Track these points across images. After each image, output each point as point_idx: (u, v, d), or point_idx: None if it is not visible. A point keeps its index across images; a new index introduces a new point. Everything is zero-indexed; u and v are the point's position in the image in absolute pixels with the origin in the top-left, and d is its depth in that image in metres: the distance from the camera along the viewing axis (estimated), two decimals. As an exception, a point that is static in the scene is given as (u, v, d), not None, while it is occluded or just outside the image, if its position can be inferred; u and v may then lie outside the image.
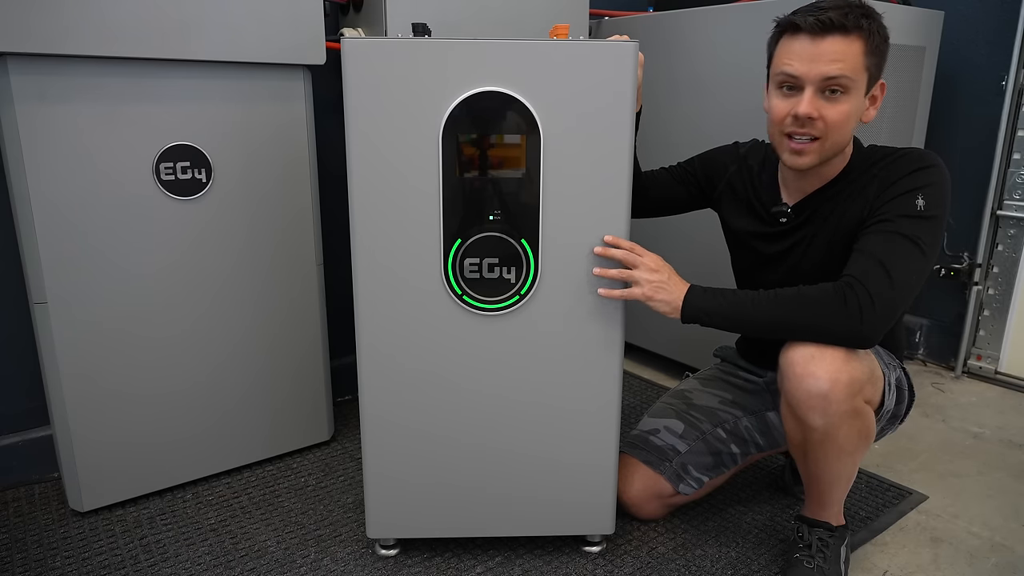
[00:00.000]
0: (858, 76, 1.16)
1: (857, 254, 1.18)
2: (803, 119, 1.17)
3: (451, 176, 1.20)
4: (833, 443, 1.19)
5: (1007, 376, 2.29)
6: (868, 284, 1.12)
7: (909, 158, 1.23)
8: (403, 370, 1.29)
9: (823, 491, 1.30)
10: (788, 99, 1.19)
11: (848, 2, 1.15)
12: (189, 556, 1.42)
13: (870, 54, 1.16)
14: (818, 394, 1.14)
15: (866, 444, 1.23)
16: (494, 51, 1.16)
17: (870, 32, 1.15)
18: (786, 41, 1.18)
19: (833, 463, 1.23)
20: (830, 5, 1.15)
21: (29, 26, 1.26)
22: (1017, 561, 1.43)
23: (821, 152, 1.21)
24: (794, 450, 1.28)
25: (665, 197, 1.50)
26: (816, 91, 1.16)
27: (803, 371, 1.15)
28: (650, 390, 2.23)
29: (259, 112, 1.57)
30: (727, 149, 1.49)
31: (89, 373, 1.48)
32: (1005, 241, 2.26)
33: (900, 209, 1.18)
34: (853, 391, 1.15)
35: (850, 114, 1.17)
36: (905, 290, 1.13)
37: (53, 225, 1.39)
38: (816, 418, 1.16)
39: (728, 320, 1.22)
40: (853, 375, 1.15)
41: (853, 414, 1.17)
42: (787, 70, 1.17)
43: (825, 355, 1.14)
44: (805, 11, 1.16)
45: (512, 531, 1.40)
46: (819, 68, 1.14)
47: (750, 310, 1.19)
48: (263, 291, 1.67)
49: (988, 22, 2.18)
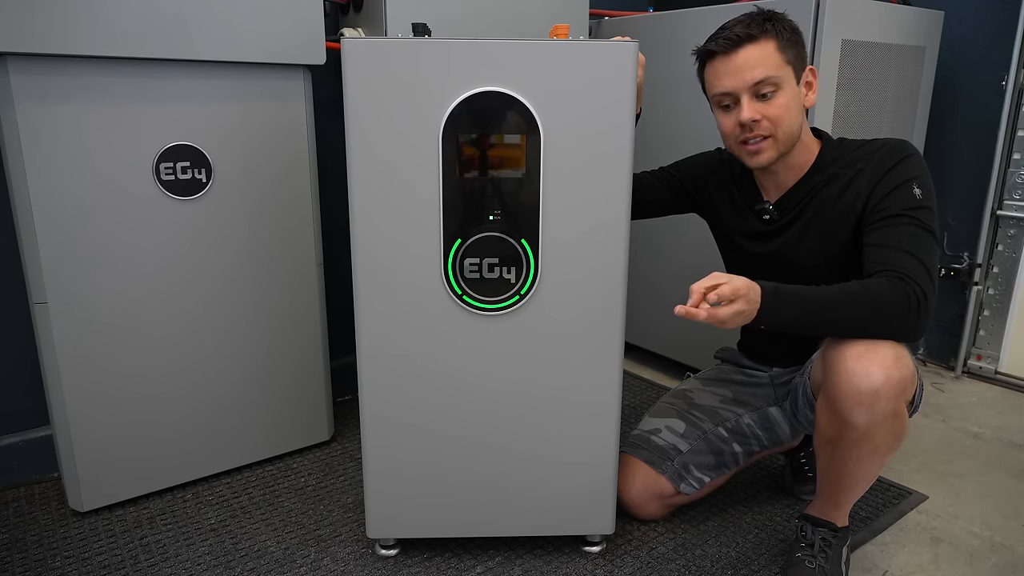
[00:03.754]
0: (781, 71, 1.24)
1: (883, 249, 1.19)
2: (748, 124, 1.25)
3: (451, 176, 1.20)
4: (870, 443, 1.18)
5: (1007, 376, 2.29)
6: (918, 279, 1.14)
7: (889, 148, 1.28)
8: (403, 370, 1.29)
9: (841, 491, 1.28)
10: (731, 113, 1.29)
11: (748, 14, 1.26)
12: (189, 556, 1.42)
13: (784, 49, 1.25)
14: (869, 390, 1.13)
15: (898, 446, 1.22)
16: (494, 51, 1.15)
17: (777, 31, 1.24)
18: (709, 67, 1.29)
19: (864, 463, 1.21)
20: (733, 23, 1.25)
21: (29, 26, 1.26)
22: (1017, 561, 1.43)
23: (776, 145, 1.28)
24: (821, 446, 1.25)
25: (651, 200, 1.52)
26: (751, 97, 1.25)
27: (855, 366, 1.13)
28: (650, 390, 2.23)
29: (259, 112, 1.57)
30: (711, 155, 1.53)
31: (89, 373, 1.48)
32: (1005, 241, 2.26)
33: (903, 201, 1.21)
34: (900, 390, 1.14)
35: (788, 106, 1.26)
36: (936, 281, 1.17)
37: (53, 225, 1.39)
38: (861, 415, 1.15)
39: (803, 324, 1.18)
40: (903, 373, 1.14)
41: (895, 415, 1.16)
42: (719, 89, 1.27)
43: (879, 351, 1.14)
44: (715, 37, 1.27)
45: (512, 531, 1.40)
46: (744, 77, 1.24)
47: (825, 311, 1.16)
48: (263, 291, 1.67)
49: (988, 22, 2.18)
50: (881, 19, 1.92)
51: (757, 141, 1.27)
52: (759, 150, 1.28)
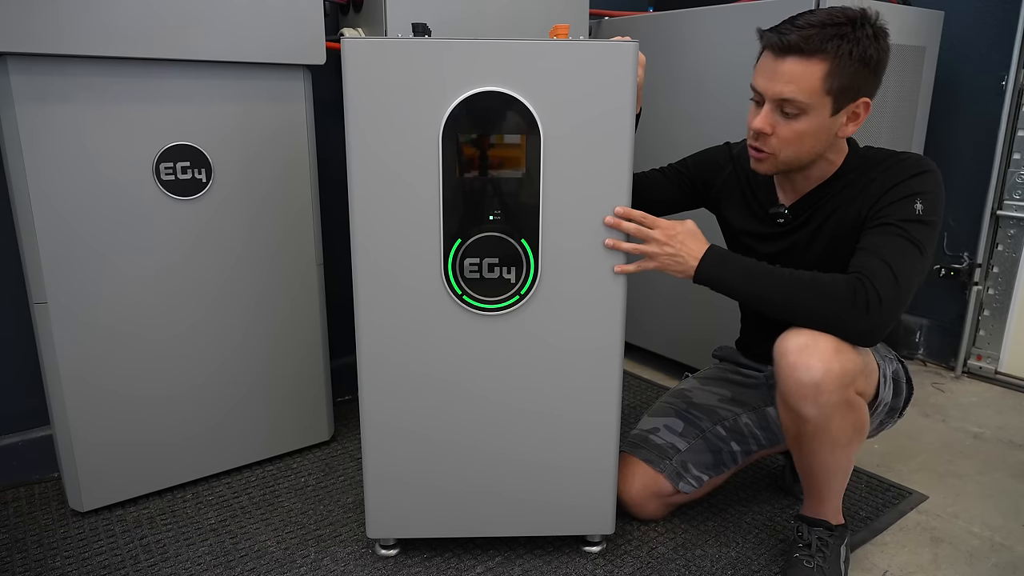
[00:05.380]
0: (813, 99, 1.16)
1: (863, 252, 1.19)
2: (755, 132, 1.22)
3: (451, 176, 1.20)
4: (826, 435, 1.20)
5: (1007, 376, 2.29)
6: (876, 283, 1.13)
7: (908, 163, 1.25)
8: (403, 370, 1.29)
9: (819, 486, 1.30)
10: (755, 110, 1.24)
11: (824, 20, 1.14)
12: (189, 556, 1.42)
13: (834, 76, 1.14)
14: (810, 383, 1.14)
15: (860, 437, 1.24)
16: (494, 51, 1.15)
17: (838, 55, 1.13)
18: (764, 52, 1.22)
19: (827, 455, 1.23)
20: (802, 23, 1.15)
21: (29, 26, 1.26)
22: (1017, 561, 1.43)
23: (775, 164, 1.26)
24: (790, 443, 1.28)
25: (658, 198, 1.51)
26: (773, 107, 1.20)
27: (796, 360, 1.15)
28: (650, 390, 2.23)
29: (259, 112, 1.57)
30: (719, 150, 1.50)
31: (89, 373, 1.48)
32: (1005, 241, 2.26)
33: (901, 212, 1.20)
34: (845, 382, 1.16)
35: (804, 133, 1.20)
36: (906, 292, 1.15)
37: (53, 225, 1.39)
38: (808, 408, 1.17)
39: (738, 292, 1.24)
40: (845, 366, 1.15)
41: (846, 405, 1.17)
42: (753, 84, 1.22)
43: (819, 345, 1.15)
44: (779, 26, 1.18)
45: (512, 531, 1.40)
46: (774, 87, 1.18)
47: (762, 285, 1.20)
48: (263, 291, 1.67)
49: (988, 22, 2.18)
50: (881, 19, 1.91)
51: (758, 151, 1.26)
52: (759, 159, 1.27)
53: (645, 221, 1.24)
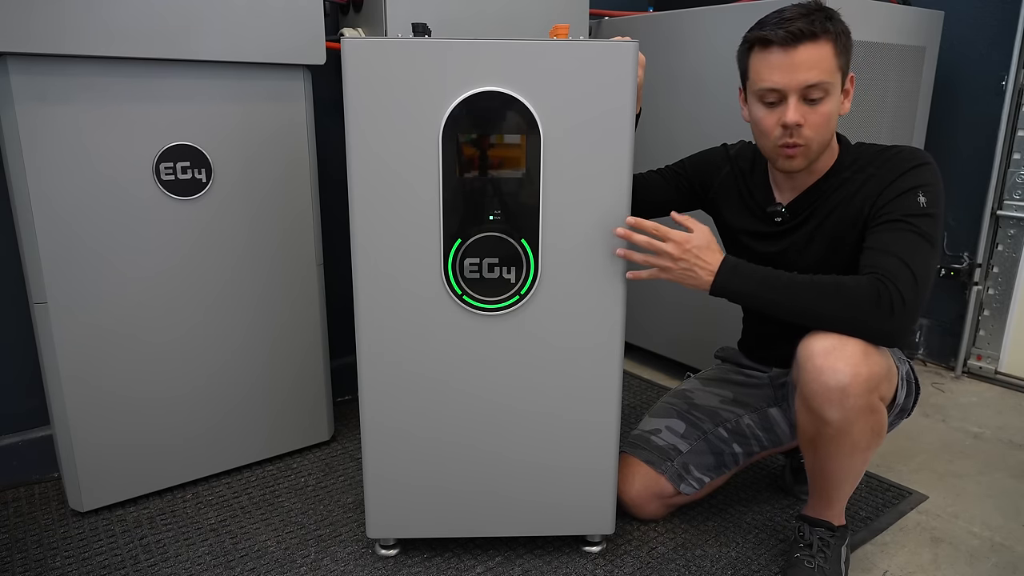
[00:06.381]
0: (833, 78, 1.20)
1: (875, 251, 1.19)
2: (792, 127, 1.21)
3: (451, 176, 1.20)
4: (847, 438, 1.19)
5: (1007, 376, 2.29)
6: (899, 283, 1.13)
7: (903, 156, 1.25)
8: (403, 370, 1.29)
9: (830, 488, 1.29)
10: (773, 111, 1.23)
11: (808, 7, 1.20)
12: (189, 556, 1.42)
13: (840, 54, 1.21)
14: (837, 387, 1.14)
15: (878, 441, 1.23)
16: (494, 51, 1.15)
17: (836, 34, 1.19)
18: (759, 55, 1.22)
19: (845, 459, 1.22)
20: (795, 14, 1.18)
21: (29, 26, 1.26)
22: (1017, 561, 1.43)
23: (808, 154, 1.25)
24: (804, 445, 1.27)
25: (656, 200, 1.50)
26: (799, 99, 1.20)
27: (823, 363, 1.14)
28: (650, 390, 2.23)
29: (259, 112, 1.57)
30: (717, 151, 1.51)
31: (89, 373, 1.48)
32: (1005, 241, 2.26)
33: (906, 207, 1.20)
34: (871, 386, 1.15)
35: (830, 115, 1.22)
36: (924, 289, 1.15)
37: (53, 225, 1.39)
38: (833, 412, 1.16)
39: (756, 302, 1.22)
40: (872, 370, 1.14)
41: (869, 410, 1.17)
42: (768, 84, 1.21)
43: (846, 348, 1.14)
44: (772, 24, 1.19)
45: (512, 531, 1.40)
46: (799, 77, 1.18)
47: (782, 294, 1.19)
48: (263, 291, 1.67)
49: (988, 22, 2.18)
50: (881, 19, 1.92)
51: (791, 146, 1.23)
52: (791, 155, 1.24)
53: (657, 233, 1.22)
